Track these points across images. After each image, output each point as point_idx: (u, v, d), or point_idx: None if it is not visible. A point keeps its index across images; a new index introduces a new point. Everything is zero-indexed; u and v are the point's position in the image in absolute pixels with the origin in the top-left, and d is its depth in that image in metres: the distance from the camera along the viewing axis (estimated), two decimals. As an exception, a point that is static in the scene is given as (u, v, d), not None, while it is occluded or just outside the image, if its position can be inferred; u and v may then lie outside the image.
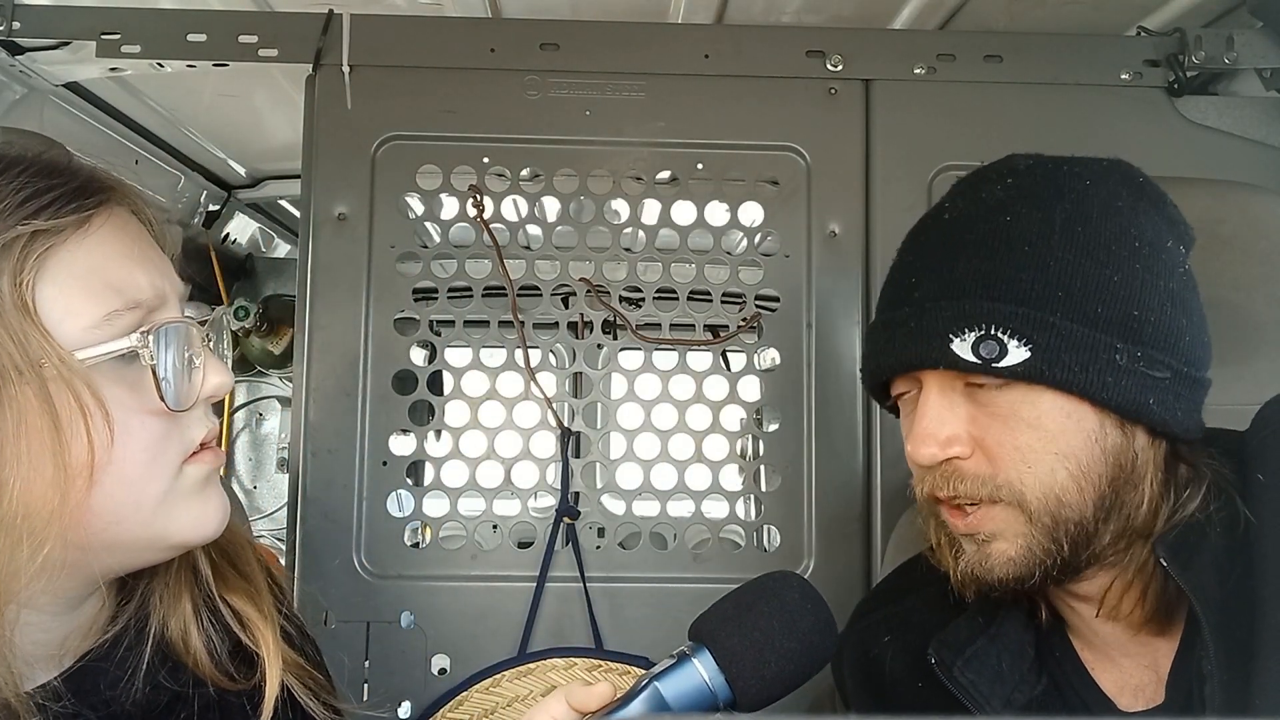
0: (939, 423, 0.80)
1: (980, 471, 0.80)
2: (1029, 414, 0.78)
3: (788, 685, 0.73)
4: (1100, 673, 0.86)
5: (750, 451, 1.72)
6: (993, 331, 0.77)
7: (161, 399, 0.68)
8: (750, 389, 1.45)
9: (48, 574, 0.64)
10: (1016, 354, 0.77)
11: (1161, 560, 0.77)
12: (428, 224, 1.47)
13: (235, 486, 2.61)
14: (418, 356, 1.42)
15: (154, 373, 0.68)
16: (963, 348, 0.78)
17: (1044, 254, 0.79)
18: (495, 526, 1.42)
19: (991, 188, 0.85)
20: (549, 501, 1.41)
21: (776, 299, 1.43)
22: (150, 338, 0.68)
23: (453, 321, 1.44)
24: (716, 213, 1.44)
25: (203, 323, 0.74)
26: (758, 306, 1.44)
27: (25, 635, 0.68)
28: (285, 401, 2.64)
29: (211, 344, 0.74)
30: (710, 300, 1.45)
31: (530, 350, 1.41)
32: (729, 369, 1.50)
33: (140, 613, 0.77)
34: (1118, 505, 0.79)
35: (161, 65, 1.44)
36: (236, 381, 2.61)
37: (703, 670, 0.71)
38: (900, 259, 0.89)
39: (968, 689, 0.84)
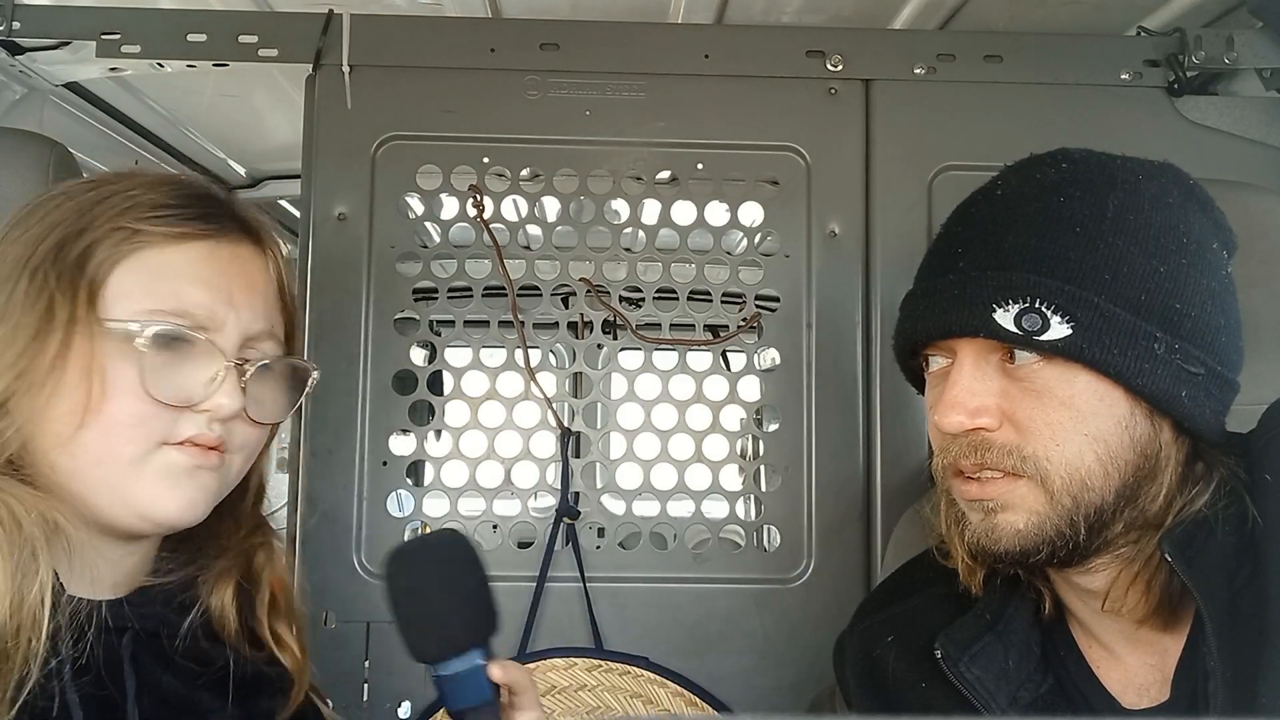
0: (969, 393, 0.80)
1: (1007, 442, 0.79)
2: (1063, 392, 0.78)
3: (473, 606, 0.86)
4: (1105, 671, 0.86)
5: (750, 451, 1.72)
6: (1036, 305, 0.77)
7: (140, 381, 0.77)
8: (750, 389, 1.45)
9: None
10: (1058, 329, 0.77)
11: (1167, 556, 0.77)
12: (428, 224, 1.47)
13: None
14: (418, 356, 1.42)
15: (143, 358, 0.77)
16: (1005, 318, 0.78)
17: (1094, 237, 0.79)
18: (495, 526, 1.42)
19: (1046, 170, 0.85)
20: (549, 501, 1.41)
21: (776, 299, 1.43)
22: (149, 329, 0.78)
23: (453, 321, 1.44)
24: (716, 213, 1.44)
25: (243, 361, 0.82)
26: (758, 306, 1.44)
27: (87, 556, 0.80)
28: (285, 401, 2.64)
29: (246, 378, 0.82)
30: (710, 300, 1.45)
31: (530, 350, 1.41)
32: (729, 369, 1.50)
33: (188, 576, 0.87)
34: (1135, 496, 0.79)
35: (161, 65, 1.44)
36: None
37: (455, 671, 0.82)
38: (946, 230, 0.89)
39: (973, 685, 0.84)
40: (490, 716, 0.83)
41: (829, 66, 1.43)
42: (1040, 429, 0.78)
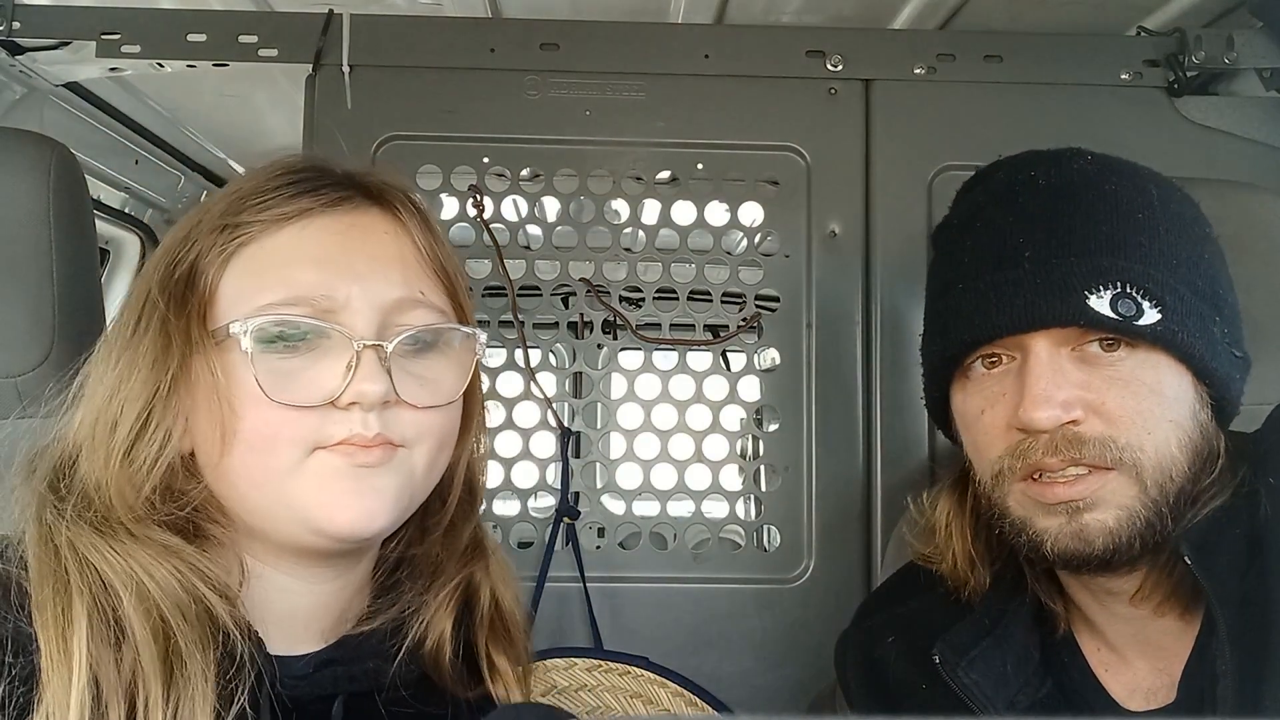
0: (1055, 385, 0.77)
1: (1100, 434, 0.76)
2: (1150, 378, 0.76)
3: None
4: (1111, 676, 0.85)
5: (750, 451, 1.72)
6: (1128, 290, 0.75)
7: (260, 388, 0.69)
8: (750, 389, 1.45)
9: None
10: (1150, 315, 0.75)
11: (1186, 558, 0.75)
12: (428, 224, 1.47)
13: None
14: (418, 356, 1.42)
15: (257, 361, 0.70)
16: (1100, 304, 0.75)
17: (1154, 223, 0.78)
18: (495, 526, 1.42)
19: (1078, 161, 0.84)
20: (549, 501, 1.41)
21: (776, 299, 1.43)
22: (247, 324, 0.70)
23: (453, 321, 1.43)
24: (716, 213, 1.44)
25: (375, 346, 0.72)
26: (758, 306, 1.44)
27: (272, 595, 0.75)
28: (285, 401, 2.64)
29: (387, 355, 0.72)
30: (710, 300, 1.45)
31: (530, 350, 1.41)
32: (729, 369, 1.50)
33: (400, 616, 0.79)
34: (1198, 483, 0.78)
35: (161, 65, 1.44)
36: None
37: None
38: (991, 221, 0.84)
39: (971, 690, 0.84)
40: None
41: (829, 66, 1.43)
42: (1132, 418, 0.76)
